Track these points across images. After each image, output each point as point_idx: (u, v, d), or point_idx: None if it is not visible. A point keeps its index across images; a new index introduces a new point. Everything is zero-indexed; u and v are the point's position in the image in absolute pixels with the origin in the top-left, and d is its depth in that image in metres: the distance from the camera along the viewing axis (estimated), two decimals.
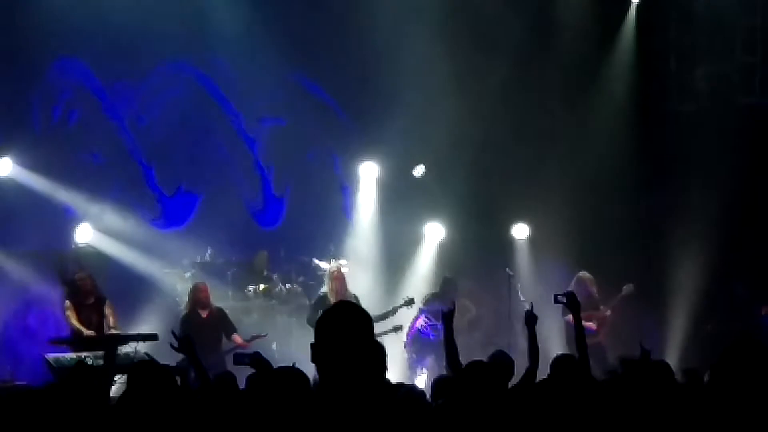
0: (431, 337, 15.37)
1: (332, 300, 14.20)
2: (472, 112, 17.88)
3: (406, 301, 15.21)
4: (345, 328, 4.41)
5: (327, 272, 15.04)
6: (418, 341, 15.42)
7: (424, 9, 17.74)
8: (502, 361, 8.82)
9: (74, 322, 13.56)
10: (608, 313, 15.41)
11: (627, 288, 15.75)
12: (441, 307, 15.29)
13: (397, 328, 14.89)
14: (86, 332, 13.34)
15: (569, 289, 13.98)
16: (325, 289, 14.86)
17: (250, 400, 6.41)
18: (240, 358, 7.72)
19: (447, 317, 9.23)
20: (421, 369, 15.20)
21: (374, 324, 4.56)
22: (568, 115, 18.23)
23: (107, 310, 13.73)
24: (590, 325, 14.15)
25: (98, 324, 13.59)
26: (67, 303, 13.72)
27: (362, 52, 17.97)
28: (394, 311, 14.94)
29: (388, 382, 7.45)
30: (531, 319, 9.18)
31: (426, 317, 15.51)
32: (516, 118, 18.07)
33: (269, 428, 4.40)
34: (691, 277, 17.12)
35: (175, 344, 8.34)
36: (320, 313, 13.87)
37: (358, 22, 17.87)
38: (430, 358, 15.24)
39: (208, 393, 7.33)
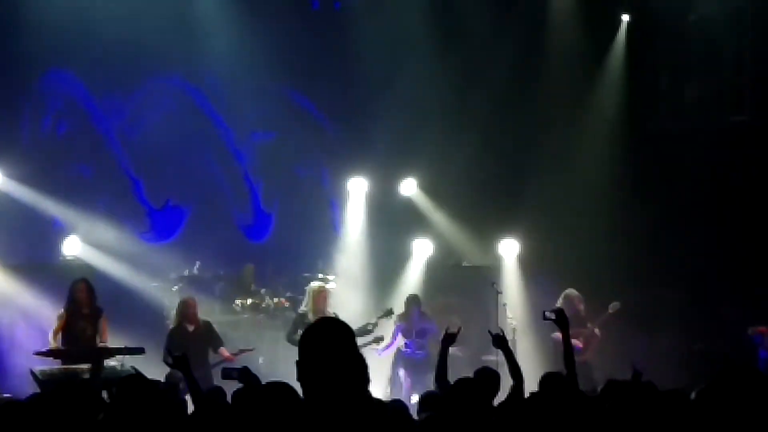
0: (403, 354, 15.39)
1: (311, 318, 14.04)
2: (462, 128, 17.94)
3: (384, 312, 15.16)
4: (328, 344, 4.40)
5: (308, 290, 14.91)
6: (394, 357, 15.44)
7: (417, 28, 17.80)
8: (487, 376, 8.81)
9: (51, 335, 13.38)
10: (596, 330, 15.40)
11: (614, 306, 15.73)
12: (405, 326, 15.42)
13: (378, 339, 14.85)
14: (54, 345, 13.14)
15: (557, 306, 13.99)
16: (304, 307, 14.79)
17: (238, 415, 6.39)
18: (228, 373, 7.68)
19: (447, 340, 9.35)
20: (399, 383, 15.18)
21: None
22: (558, 133, 18.28)
23: (101, 324, 13.59)
24: (577, 342, 14.12)
25: (91, 336, 13.41)
26: (61, 311, 13.56)
27: (353, 68, 18.03)
28: (375, 324, 14.81)
29: (371, 396, 7.43)
30: (500, 342, 9.19)
31: (401, 336, 15.50)
32: (506, 136, 18.13)
33: None
34: (678, 296, 17.13)
35: (170, 361, 8.31)
36: (299, 331, 13.85)
37: (349, 38, 17.92)
38: (402, 372, 15.27)
39: (203, 410, 7.31)
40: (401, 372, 15.29)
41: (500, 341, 9.19)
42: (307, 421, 4.31)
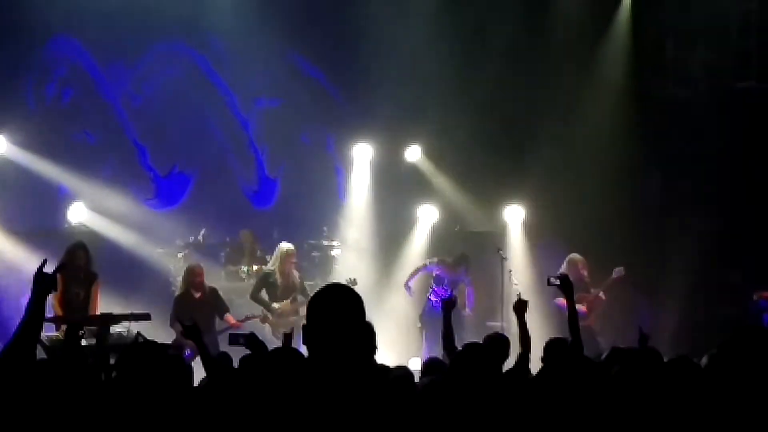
0: (436, 310, 15.45)
1: (279, 278, 14.76)
2: (466, 94, 17.89)
3: (348, 282, 15.11)
4: (336, 311, 4.40)
5: (278, 251, 15.08)
6: (428, 317, 15.52)
7: None
8: (496, 342, 8.79)
9: (54, 302, 13.33)
10: (600, 294, 15.43)
11: (618, 271, 15.75)
12: (444, 275, 15.57)
13: None
14: (59, 315, 13.04)
15: (561, 271, 14.01)
16: (271, 266, 15.00)
17: (246, 380, 6.41)
18: (235, 339, 7.69)
19: (447, 305, 9.21)
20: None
21: None
22: (563, 99, 18.22)
23: (94, 289, 13.56)
24: (581, 307, 14.11)
25: (83, 301, 13.36)
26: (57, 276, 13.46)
27: (358, 33, 17.95)
28: None
29: (376, 363, 7.44)
30: (520, 307, 9.07)
31: (434, 277, 15.73)
32: (511, 102, 18.07)
33: (268, 408, 4.42)
34: (684, 262, 17.14)
35: (179, 328, 8.33)
36: (263, 290, 13.92)
37: (354, 2, 17.85)
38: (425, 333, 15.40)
39: (215, 377, 7.34)
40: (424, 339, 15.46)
41: (521, 307, 9.06)
42: (312, 387, 4.32)
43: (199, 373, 7.96)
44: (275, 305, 14.74)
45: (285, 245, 15.20)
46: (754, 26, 17.88)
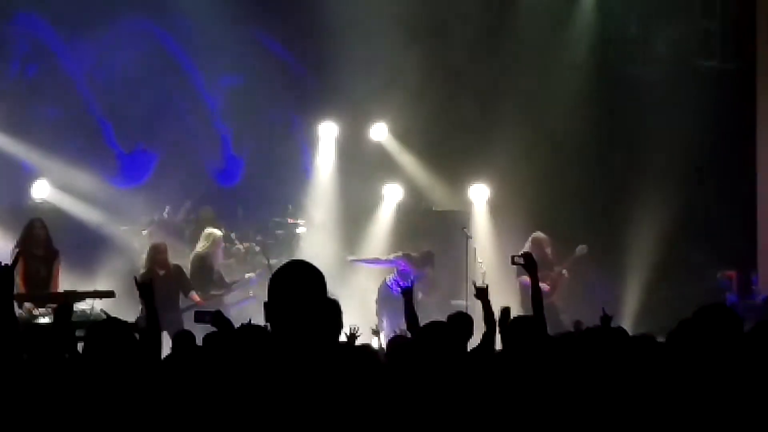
0: (394, 292, 15.52)
1: (212, 260, 14.96)
2: (432, 72, 17.88)
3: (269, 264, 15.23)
4: (298, 287, 4.40)
5: (212, 236, 15.13)
6: (384, 297, 15.59)
7: None
8: (460, 320, 8.83)
9: (18, 279, 13.21)
10: (563, 272, 15.57)
11: (580, 249, 15.90)
12: (409, 270, 15.60)
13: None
14: (22, 293, 12.88)
15: (525, 249, 14.09)
16: (204, 249, 15.09)
17: (209, 357, 6.42)
18: (201, 317, 7.69)
19: (407, 295, 9.23)
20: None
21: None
22: (529, 77, 18.26)
23: (55, 267, 13.46)
24: (544, 285, 14.18)
25: (45, 278, 13.28)
26: (15, 250, 13.36)
27: (323, 11, 17.86)
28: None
29: (340, 340, 7.46)
30: (482, 294, 9.17)
31: (395, 273, 15.77)
32: (476, 79, 18.10)
33: (233, 385, 4.44)
34: (647, 241, 17.27)
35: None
36: (198, 272, 13.89)
37: None
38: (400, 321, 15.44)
39: (156, 338, 7.29)
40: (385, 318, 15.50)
41: (481, 293, 9.16)
42: (276, 364, 4.33)
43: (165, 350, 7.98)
44: (214, 292, 14.81)
45: (218, 231, 15.34)
46: (718, 5, 17.98)
